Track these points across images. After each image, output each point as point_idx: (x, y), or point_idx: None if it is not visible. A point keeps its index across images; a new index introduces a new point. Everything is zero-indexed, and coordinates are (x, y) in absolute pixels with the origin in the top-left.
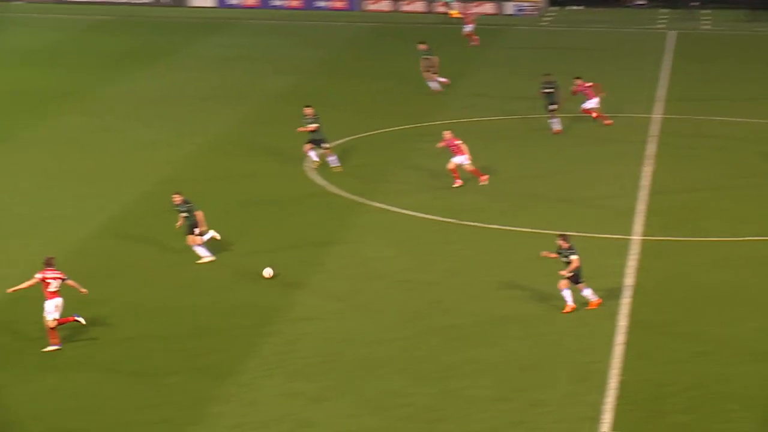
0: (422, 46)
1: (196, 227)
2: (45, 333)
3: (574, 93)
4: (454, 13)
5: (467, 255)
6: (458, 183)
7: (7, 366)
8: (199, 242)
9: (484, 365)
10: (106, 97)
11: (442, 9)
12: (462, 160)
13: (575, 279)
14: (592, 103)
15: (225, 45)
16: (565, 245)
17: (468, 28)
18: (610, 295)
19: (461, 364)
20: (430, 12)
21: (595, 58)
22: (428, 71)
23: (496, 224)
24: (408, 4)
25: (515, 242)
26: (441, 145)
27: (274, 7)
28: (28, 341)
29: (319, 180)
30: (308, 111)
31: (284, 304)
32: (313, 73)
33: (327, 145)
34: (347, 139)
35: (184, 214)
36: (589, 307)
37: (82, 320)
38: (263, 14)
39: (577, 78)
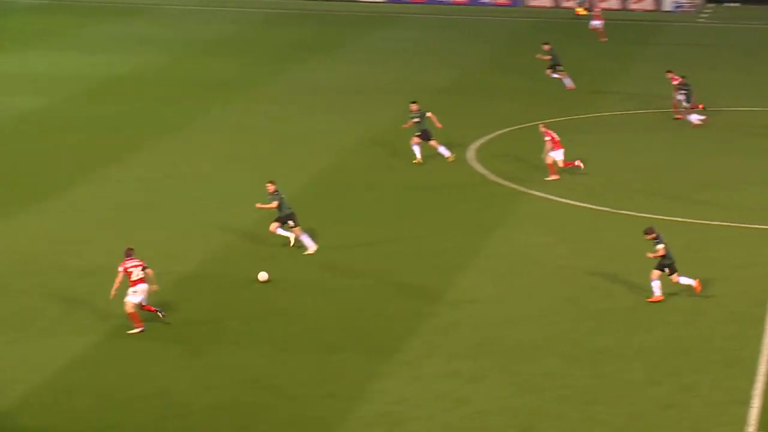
0: (546, 47)
1: (290, 216)
2: (201, 310)
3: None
4: (580, 10)
5: (622, 243)
6: (554, 177)
7: (180, 340)
8: (274, 228)
9: (636, 349)
10: (279, 86)
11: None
12: (558, 155)
13: (662, 267)
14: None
15: (393, 39)
16: (652, 237)
17: (596, 23)
18: (761, 283)
19: (614, 348)
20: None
21: (749, 54)
22: (551, 69)
23: (649, 213)
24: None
25: (668, 232)
26: (547, 141)
27: (440, 2)
28: (198, 317)
29: (480, 169)
30: (414, 107)
31: (445, 286)
32: (476, 67)
33: (434, 142)
34: (507, 129)
35: (276, 203)
36: (650, 300)
37: (161, 314)
38: (430, 9)
39: (669, 71)
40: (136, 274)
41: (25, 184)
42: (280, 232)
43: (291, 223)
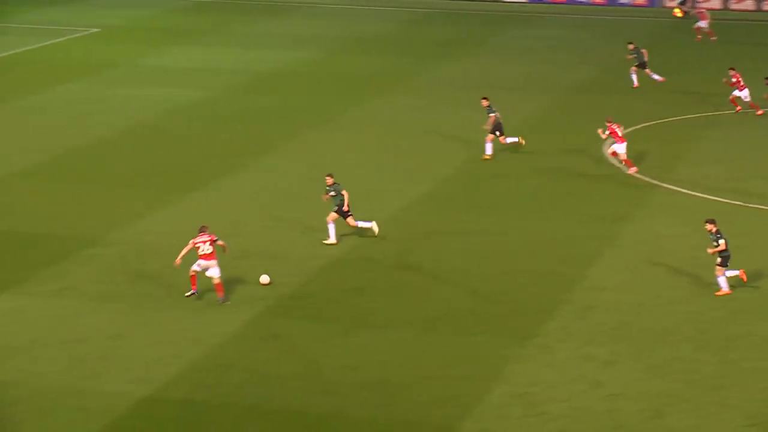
0: (630, 46)
1: (345, 208)
2: (348, 292)
3: (732, 84)
4: (677, 12)
5: (752, 236)
6: (633, 170)
7: (329, 320)
8: (353, 223)
9: (764, 337)
10: (426, 81)
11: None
12: (620, 148)
13: (723, 262)
14: (743, 93)
15: (534, 37)
16: (714, 229)
17: (702, 23)
18: None
19: (743, 337)
20: (725, 9)
21: None
22: (637, 67)
23: None
24: (704, 1)
25: None
26: (608, 134)
27: (580, 2)
28: (346, 299)
29: (615, 162)
30: (484, 103)
31: (580, 274)
32: (613, 65)
33: (501, 136)
34: (642, 125)
35: (332, 194)
36: (717, 293)
37: (225, 300)
38: (570, 9)
39: (732, 68)
40: (202, 249)
41: (183, 173)
42: (362, 224)
43: (346, 212)
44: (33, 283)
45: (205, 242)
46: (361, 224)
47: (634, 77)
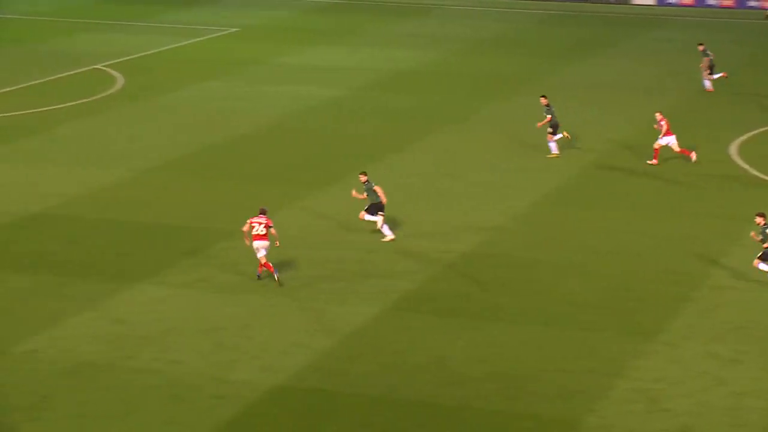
0: (701, 47)
1: (379, 206)
2: (475, 286)
3: None
4: None
5: None
6: (653, 162)
7: (456, 313)
8: (363, 217)
9: None
10: (553, 81)
11: None
12: (669, 141)
13: (765, 256)
14: None
15: (662, 39)
16: (762, 222)
17: None
18: None
19: None
20: None
21: None
22: (707, 71)
23: None
24: None
25: None
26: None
27: (709, 6)
28: (473, 293)
29: (742, 163)
30: (543, 101)
31: (705, 272)
32: (739, 67)
33: (564, 134)
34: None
35: (366, 192)
36: None
37: (276, 276)
38: (698, 12)
39: None
40: (257, 229)
41: (316, 169)
42: (368, 218)
43: (380, 212)
44: (169, 273)
45: (260, 223)
46: (368, 218)
47: (707, 83)
